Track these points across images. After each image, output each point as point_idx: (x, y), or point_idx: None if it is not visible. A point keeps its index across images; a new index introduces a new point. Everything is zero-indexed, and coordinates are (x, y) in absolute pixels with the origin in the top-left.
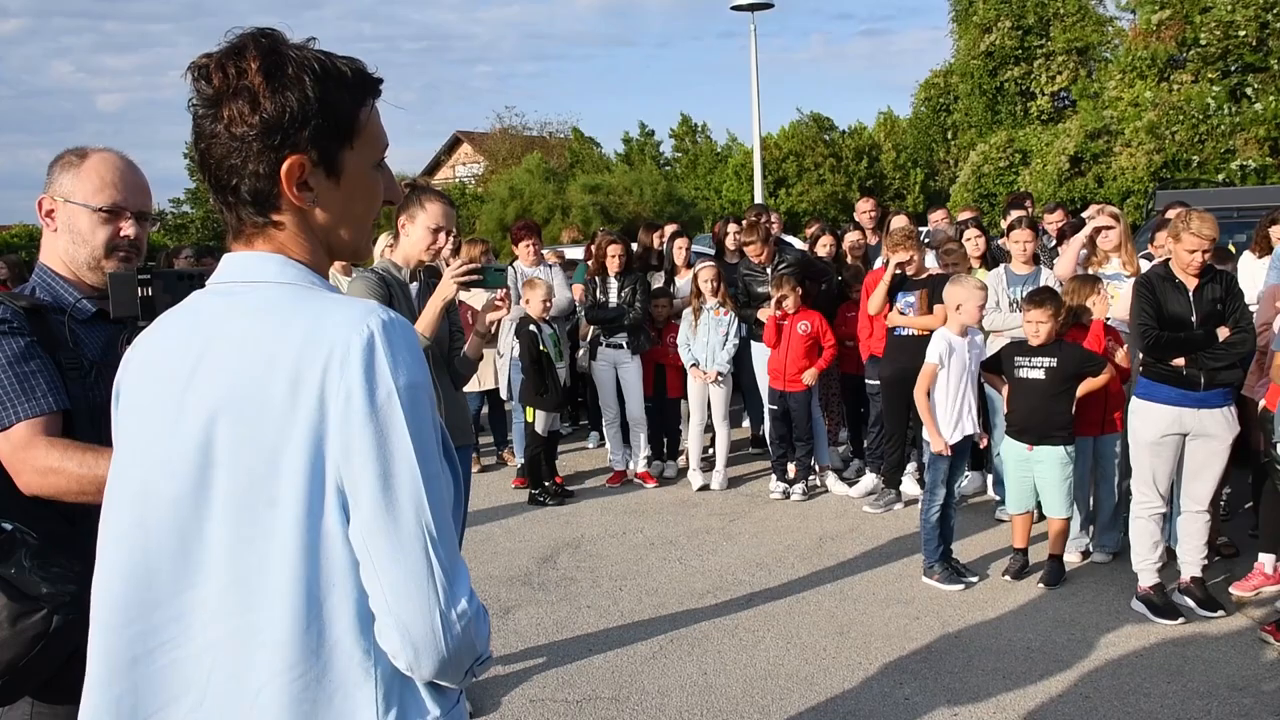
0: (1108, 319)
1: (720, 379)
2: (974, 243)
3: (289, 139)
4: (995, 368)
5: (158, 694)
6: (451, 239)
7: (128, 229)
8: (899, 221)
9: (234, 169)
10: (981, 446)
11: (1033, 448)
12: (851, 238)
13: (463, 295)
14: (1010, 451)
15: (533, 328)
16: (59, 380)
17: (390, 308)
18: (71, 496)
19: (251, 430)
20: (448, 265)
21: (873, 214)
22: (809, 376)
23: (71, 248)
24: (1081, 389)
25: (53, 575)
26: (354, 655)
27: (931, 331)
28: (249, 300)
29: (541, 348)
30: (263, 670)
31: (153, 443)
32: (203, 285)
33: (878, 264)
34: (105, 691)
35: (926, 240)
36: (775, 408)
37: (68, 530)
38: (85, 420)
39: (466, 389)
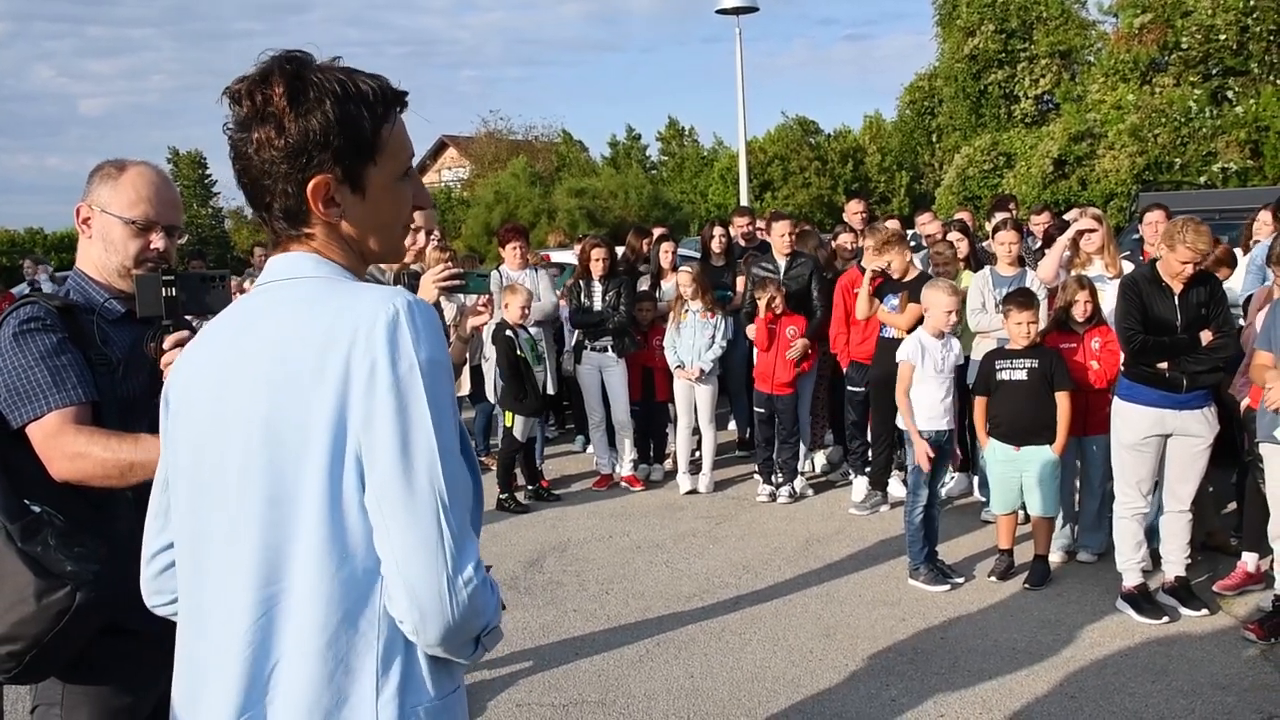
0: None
1: (703, 377)
2: (956, 246)
3: (313, 160)
4: (982, 388)
5: (219, 660)
6: (434, 239)
7: (158, 242)
8: (891, 225)
9: (267, 189)
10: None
11: (1019, 448)
12: (844, 239)
13: (444, 301)
14: (996, 452)
15: (509, 333)
16: (89, 373)
17: None
18: (97, 480)
19: (285, 403)
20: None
21: (863, 215)
22: (797, 350)
23: (104, 255)
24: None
25: (76, 555)
26: (360, 628)
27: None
28: (285, 294)
29: (519, 353)
30: (289, 637)
31: (203, 433)
32: (223, 286)
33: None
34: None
35: (913, 244)
36: (762, 411)
37: (94, 515)
38: (113, 413)
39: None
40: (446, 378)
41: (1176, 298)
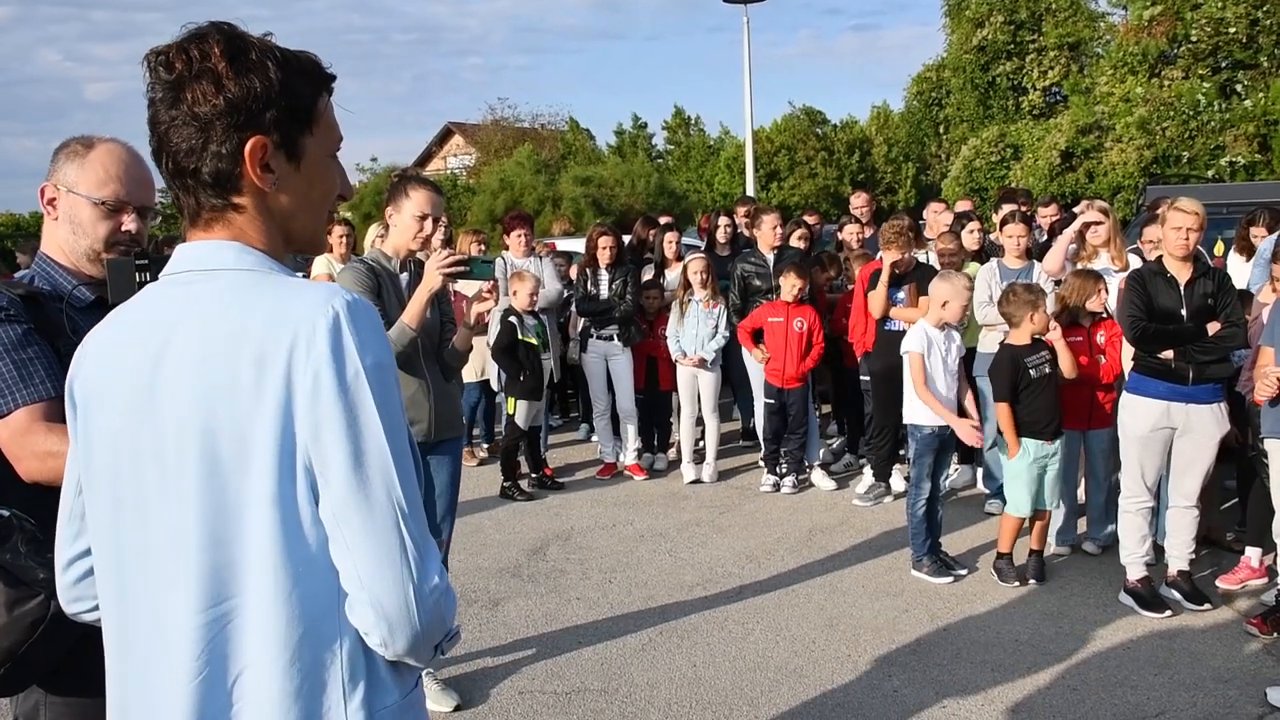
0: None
1: (705, 365)
2: (974, 235)
3: (252, 119)
4: (1009, 392)
5: (153, 682)
6: (442, 226)
7: (129, 224)
8: (903, 220)
9: (194, 150)
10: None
11: (1053, 441)
12: (850, 230)
13: (456, 285)
14: (1031, 452)
15: (513, 319)
16: (57, 366)
17: (379, 298)
18: None
19: (222, 416)
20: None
21: (867, 208)
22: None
23: (72, 238)
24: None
25: (48, 561)
26: (323, 636)
27: None
28: (208, 289)
29: (522, 338)
30: (246, 655)
31: (121, 436)
32: None
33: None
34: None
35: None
36: (772, 402)
37: None
38: None
39: (466, 380)
40: (393, 380)
41: (1182, 288)
